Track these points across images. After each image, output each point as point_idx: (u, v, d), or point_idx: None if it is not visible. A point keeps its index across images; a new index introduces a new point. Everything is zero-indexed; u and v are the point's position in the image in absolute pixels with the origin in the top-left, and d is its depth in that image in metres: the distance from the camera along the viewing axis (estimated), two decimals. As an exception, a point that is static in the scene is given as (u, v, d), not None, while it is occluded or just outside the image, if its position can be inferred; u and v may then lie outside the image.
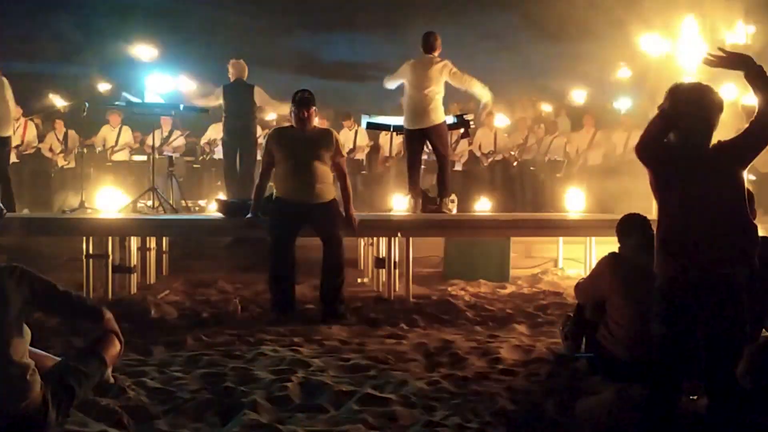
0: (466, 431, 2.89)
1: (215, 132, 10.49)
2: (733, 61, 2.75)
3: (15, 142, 10.21)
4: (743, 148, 2.71)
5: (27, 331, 2.74)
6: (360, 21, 13.08)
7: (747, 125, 2.73)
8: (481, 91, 7.13)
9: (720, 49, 2.82)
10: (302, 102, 5.25)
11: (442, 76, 6.91)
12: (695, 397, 3.10)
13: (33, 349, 2.80)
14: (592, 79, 11.80)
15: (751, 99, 2.84)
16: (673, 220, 2.70)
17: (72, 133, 10.48)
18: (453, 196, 7.27)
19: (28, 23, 11.91)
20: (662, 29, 7.46)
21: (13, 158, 10.16)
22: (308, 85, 5.48)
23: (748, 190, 2.75)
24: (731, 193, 2.67)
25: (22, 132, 10.36)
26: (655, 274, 2.76)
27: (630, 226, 3.69)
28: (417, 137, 7.14)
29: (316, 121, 5.51)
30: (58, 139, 10.53)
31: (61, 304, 2.86)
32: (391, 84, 7.25)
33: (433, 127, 6.98)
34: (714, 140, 2.76)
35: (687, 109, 2.71)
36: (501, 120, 11.12)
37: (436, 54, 6.96)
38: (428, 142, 7.22)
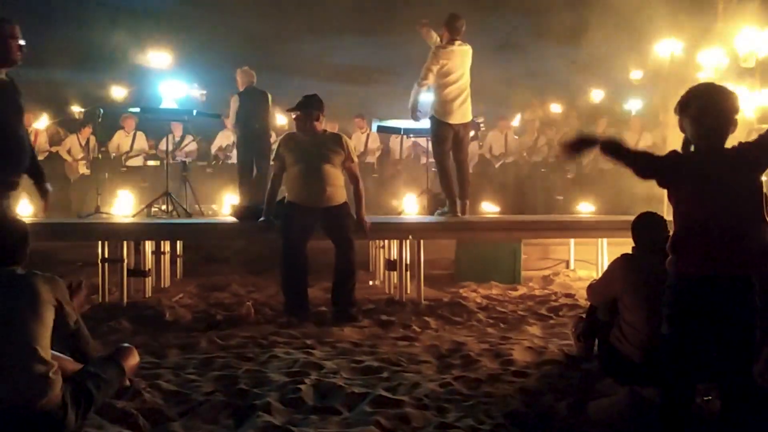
0: (479, 432, 2.91)
1: (225, 138, 10.61)
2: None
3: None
4: (762, 151, 2.70)
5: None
6: (369, 25, 13.13)
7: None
8: None
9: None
10: (304, 106, 5.30)
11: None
12: (709, 398, 3.10)
13: (54, 352, 2.85)
14: (602, 80, 11.78)
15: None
16: (688, 218, 2.69)
17: (92, 138, 10.58)
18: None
19: (42, 31, 12.05)
20: (674, 32, 7.46)
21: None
22: (318, 89, 5.52)
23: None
24: (747, 195, 2.66)
25: (33, 138, 10.46)
26: (667, 272, 2.76)
27: (646, 225, 3.65)
28: (453, 133, 6.65)
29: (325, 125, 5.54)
30: (80, 144, 10.60)
31: (66, 333, 2.92)
32: (431, 80, 6.62)
33: (470, 123, 6.81)
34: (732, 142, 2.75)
35: (704, 109, 2.71)
36: (511, 122, 11.16)
37: (461, 39, 6.60)
38: (454, 138, 6.68)
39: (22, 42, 4.14)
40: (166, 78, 8.51)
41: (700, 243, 2.65)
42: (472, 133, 8.54)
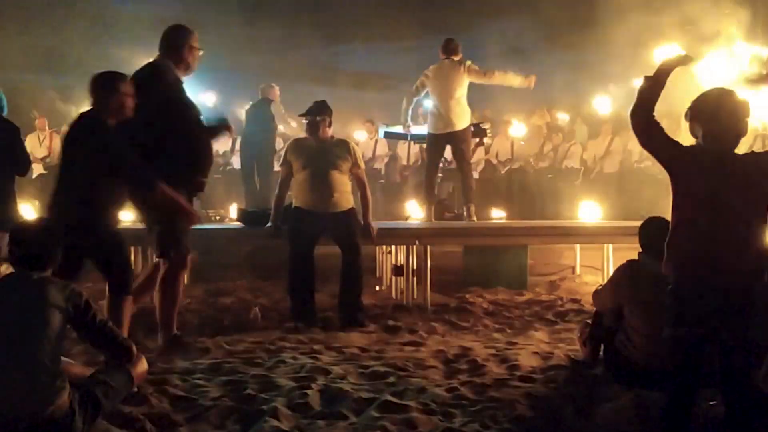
0: (485, 438, 2.91)
1: (222, 144, 10.65)
2: None
3: (42, 153, 10.39)
4: None
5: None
6: (378, 32, 13.19)
7: None
8: (512, 80, 7.10)
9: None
10: (312, 112, 5.34)
11: (466, 78, 6.97)
12: (714, 403, 3.10)
13: (63, 358, 2.87)
14: (608, 86, 11.76)
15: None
16: (684, 218, 2.69)
17: None
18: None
19: (52, 38, 12.15)
20: (681, 39, 7.45)
21: (40, 169, 10.33)
22: (327, 95, 5.55)
23: None
24: (752, 204, 2.65)
25: (48, 143, 10.51)
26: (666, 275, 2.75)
27: (653, 230, 3.62)
28: (441, 142, 7.19)
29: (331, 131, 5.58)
30: None
31: (96, 335, 2.95)
32: (416, 98, 7.29)
33: (459, 131, 7.03)
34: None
35: (714, 114, 2.72)
36: (517, 128, 11.16)
37: (457, 58, 7.01)
38: (451, 148, 7.27)
39: (201, 52, 4.37)
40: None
41: (694, 246, 2.65)
42: (477, 139, 8.63)
